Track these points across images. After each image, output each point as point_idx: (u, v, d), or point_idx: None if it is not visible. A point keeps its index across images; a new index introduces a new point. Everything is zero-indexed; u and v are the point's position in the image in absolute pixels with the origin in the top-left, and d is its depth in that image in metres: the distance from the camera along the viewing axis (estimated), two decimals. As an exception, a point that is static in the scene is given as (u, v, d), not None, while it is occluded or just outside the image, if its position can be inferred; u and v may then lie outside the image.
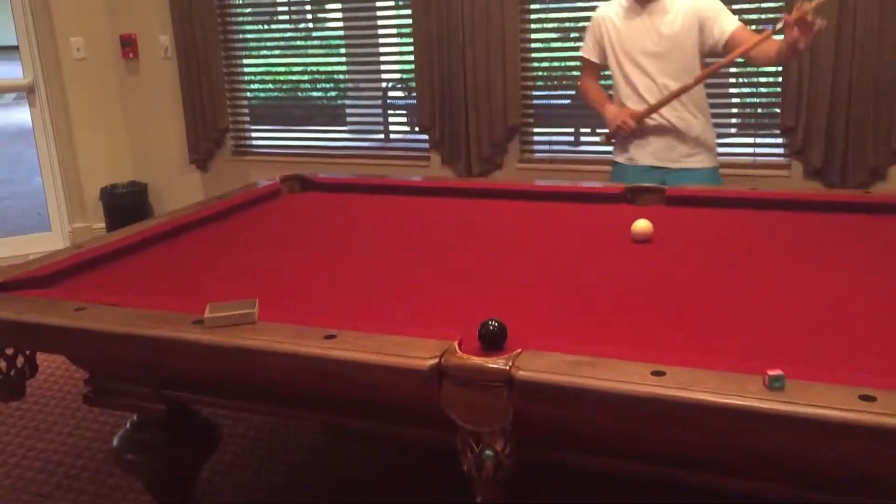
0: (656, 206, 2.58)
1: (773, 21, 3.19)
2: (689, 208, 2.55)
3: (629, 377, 1.36)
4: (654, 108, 2.99)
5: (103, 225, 5.31)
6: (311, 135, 5.21)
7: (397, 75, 5.15)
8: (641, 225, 2.23)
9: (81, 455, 2.80)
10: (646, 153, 3.10)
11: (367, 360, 1.52)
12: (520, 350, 1.48)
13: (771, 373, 1.28)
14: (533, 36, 4.35)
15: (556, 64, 4.43)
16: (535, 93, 4.44)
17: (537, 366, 1.43)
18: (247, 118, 5.30)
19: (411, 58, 4.54)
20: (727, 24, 2.92)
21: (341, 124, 5.42)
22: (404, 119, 5.51)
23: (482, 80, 4.30)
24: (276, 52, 5.18)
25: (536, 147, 4.52)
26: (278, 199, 2.97)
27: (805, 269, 1.99)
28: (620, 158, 3.20)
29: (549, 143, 4.55)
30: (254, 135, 5.32)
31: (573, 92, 4.55)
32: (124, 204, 5.25)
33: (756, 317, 1.71)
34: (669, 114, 3.02)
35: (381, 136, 5.34)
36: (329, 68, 5.31)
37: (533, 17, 4.32)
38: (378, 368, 1.51)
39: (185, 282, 2.11)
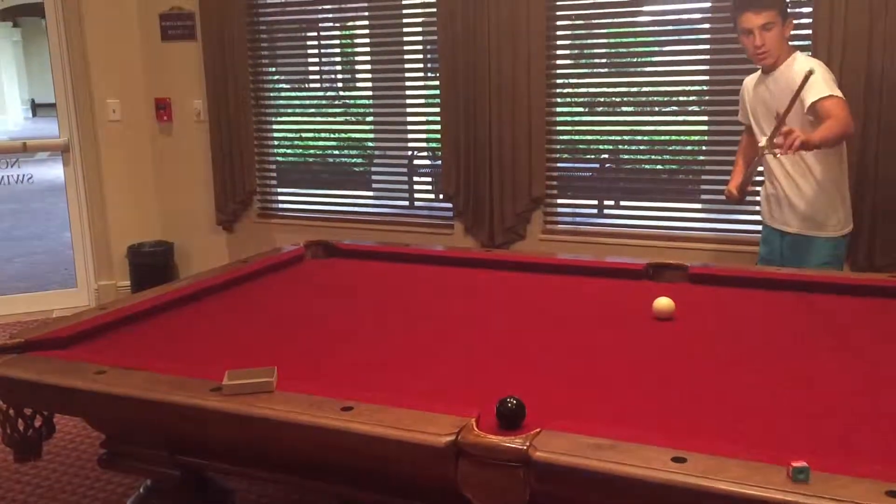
0: (679, 284, 2.57)
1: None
2: (712, 287, 2.54)
3: (649, 462, 1.34)
4: (748, 177, 3.07)
5: (128, 283, 5.36)
6: (336, 199, 5.27)
7: (423, 143, 5.22)
8: (663, 303, 2.22)
9: (93, 517, 2.78)
10: (767, 214, 3.20)
11: (383, 435, 1.51)
12: (538, 430, 1.46)
13: (795, 464, 1.25)
14: (558, 109, 4.40)
15: (578, 138, 4.47)
16: (559, 164, 4.47)
17: (556, 447, 1.41)
18: (274, 181, 5.37)
19: (438, 126, 4.61)
20: (812, 94, 2.80)
21: (366, 189, 5.47)
22: (429, 186, 5.56)
23: (507, 150, 4.34)
24: (306, 117, 5.28)
25: (560, 218, 4.53)
26: (302, 264, 3.00)
27: (830, 356, 1.96)
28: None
29: (573, 213, 4.56)
30: (280, 197, 5.39)
31: (597, 165, 4.58)
32: (150, 263, 5.30)
33: (779, 403, 1.68)
34: (782, 179, 3.06)
35: (406, 202, 5.38)
36: (357, 135, 5.39)
37: (558, 90, 4.38)
38: (394, 444, 1.50)
39: (205, 347, 2.12)
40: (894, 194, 3.65)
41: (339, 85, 5.61)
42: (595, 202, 4.64)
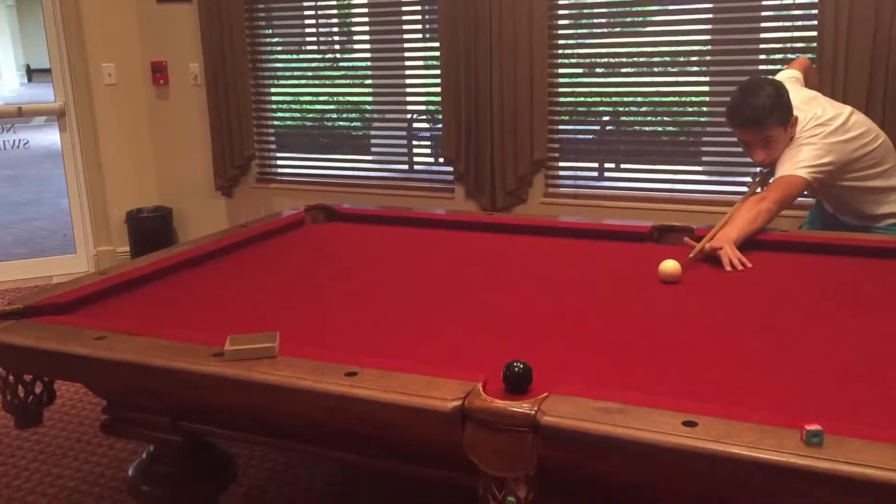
0: (685, 247, 2.53)
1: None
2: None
3: (659, 427, 1.32)
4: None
5: (128, 249, 5.33)
6: (335, 163, 5.22)
7: (423, 106, 5.15)
8: (669, 266, 2.19)
9: (97, 483, 2.77)
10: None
11: (388, 400, 1.49)
12: (546, 394, 1.44)
13: (809, 427, 1.23)
14: (560, 71, 4.34)
15: (580, 100, 4.41)
16: (560, 127, 4.42)
17: (564, 411, 1.39)
18: (272, 146, 5.32)
19: (438, 89, 4.54)
20: (779, 170, 2.65)
21: (366, 153, 5.42)
22: (428, 150, 5.51)
23: (509, 114, 4.29)
24: (304, 80, 5.21)
25: (561, 181, 4.49)
26: (302, 228, 2.96)
27: (842, 317, 1.93)
28: None
29: (574, 177, 4.52)
30: (279, 162, 5.34)
31: (598, 127, 4.53)
32: (149, 228, 5.27)
33: (790, 365, 1.66)
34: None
35: (405, 166, 5.33)
36: (356, 98, 5.33)
37: (560, 51, 4.31)
38: (399, 409, 1.48)
39: (206, 312, 2.09)
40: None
41: (337, 48, 5.52)
42: (596, 165, 4.60)
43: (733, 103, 2.68)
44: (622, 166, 4.57)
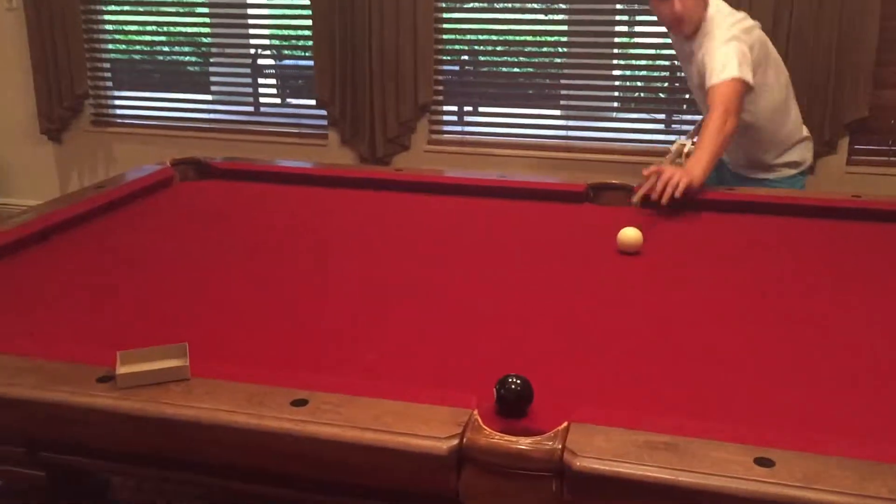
0: (626, 207, 2.28)
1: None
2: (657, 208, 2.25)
3: (727, 468, 1.04)
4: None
5: (-68, 204, 4.52)
6: (179, 104, 4.58)
7: (268, 40, 4.57)
8: (630, 235, 1.92)
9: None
10: None
11: (359, 441, 1.13)
12: (565, 423, 1.13)
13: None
14: (445, 5, 3.95)
15: (469, 37, 4.06)
16: (446, 67, 4.06)
17: (598, 449, 1.08)
18: (109, 83, 4.62)
19: (300, 22, 4.03)
20: (709, 77, 2.43)
21: (208, 92, 4.78)
22: (274, 91, 4.90)
23: (390, 51, 3.87)
24: (140, 6, 4.50)
25: (447, 127, 4.15)
26: (171, 188, 2.47)
27: (862, 293, 1.72)
28: None
29: (462, 122, 4.19)
30: (117, 102, 4.65)
31: (486, 69, 4.20)
32: (-42, 180, 4.48)
33: (842, 366, 1.40)
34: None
35: (251, 108, 4.71)
36: (190, 29, 4.66)
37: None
38: (373, 451, 1.12)
39: (75, 313, 1.61)
40: (800, 98, 3.54)
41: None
42: (492, 110, 4.26)
43: None
44: (519, 112, 4.21)
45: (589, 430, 1.12)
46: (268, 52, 4.78)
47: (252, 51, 4.59)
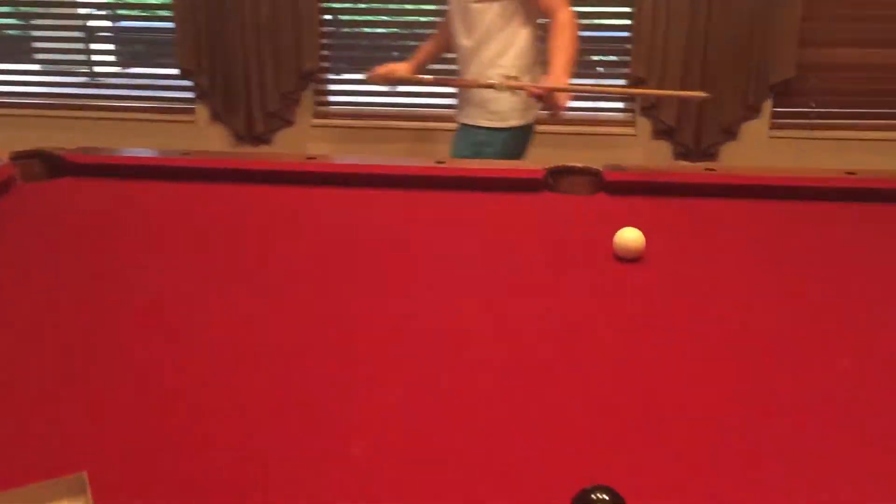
0: (595, 196, 1.89)
1: None
2: (631, 197, 1.88)
3: None
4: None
5: None
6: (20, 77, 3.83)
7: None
8: (632, 237, 1.52)
9: None
10: None
11: None
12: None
13: None
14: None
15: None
16: (333, 28, 3.53)
17: None
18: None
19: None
20: None
21: (30, 62, 4.01)
22: (112, 57, 4.18)
23: (266, 10, 3.31)
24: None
25: (334, 98, 3.63)
26: (14, 191, 1.87)
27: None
28: None
29: (351, 92, 3.68)
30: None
31: (382, 30, 3.70)
32: None
33: None
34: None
35: (86, 78, 3.98)
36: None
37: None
38: None
39: None
40: (723, 67, 3.28)
41: None
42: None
43: None
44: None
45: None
46: (109, 13, 4.05)
47: (83, 10, 3.86)
